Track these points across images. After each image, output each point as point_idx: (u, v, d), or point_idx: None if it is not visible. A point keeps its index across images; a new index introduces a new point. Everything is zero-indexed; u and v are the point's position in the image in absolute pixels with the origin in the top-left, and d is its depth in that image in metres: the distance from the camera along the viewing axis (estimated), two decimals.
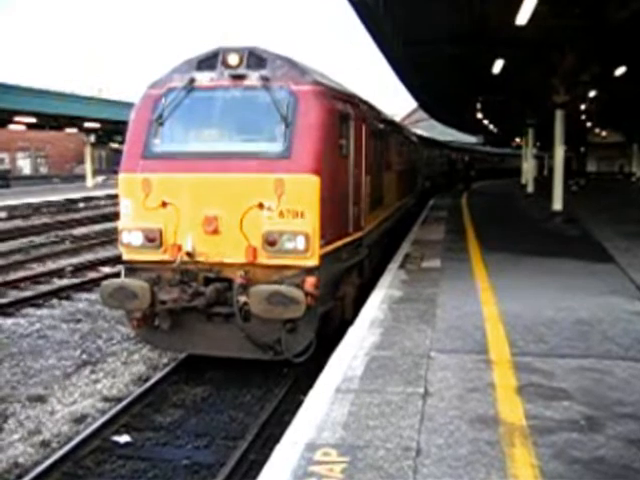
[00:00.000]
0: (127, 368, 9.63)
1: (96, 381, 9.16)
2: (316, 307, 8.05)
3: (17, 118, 39.21)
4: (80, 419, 7.90)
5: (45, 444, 7.28)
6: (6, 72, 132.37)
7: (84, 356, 10.21)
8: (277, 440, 5.52)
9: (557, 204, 22.49)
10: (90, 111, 41.59)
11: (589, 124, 54.20)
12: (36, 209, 34.09)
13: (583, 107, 37.62)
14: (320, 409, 5.81)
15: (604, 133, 66.66)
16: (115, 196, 10.42)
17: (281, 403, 8.13)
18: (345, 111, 9.31)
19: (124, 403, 8.00)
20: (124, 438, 7.28)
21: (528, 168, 39.79)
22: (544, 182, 35.48)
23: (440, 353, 7.34)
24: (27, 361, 9.95)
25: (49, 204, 36.26)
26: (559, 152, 22.75)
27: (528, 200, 32.15)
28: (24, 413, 8.10)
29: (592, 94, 30.72)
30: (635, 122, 48.60)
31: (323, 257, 8.16)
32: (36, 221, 29.39)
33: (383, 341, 7.82)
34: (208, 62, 8.64)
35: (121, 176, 8.64)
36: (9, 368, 9.64)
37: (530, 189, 35.47)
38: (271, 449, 5.48)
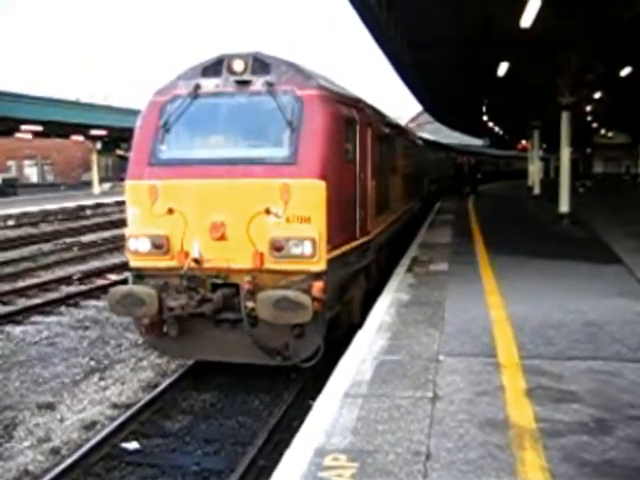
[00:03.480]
0: (135, 375, 9.65)
1: (105, 388, 9.17)
2: (323, 312, 8.04)
3: (23, 127, 39.38)
4: (89, 426, 7.92)
5: (55, 451, 7.30)
6: (6, 73, 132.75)
7: (92, 363, 10.24)
8: (286, 445, 5.53)
9: (564, 206, 22.46)
10: (96, 118, 41.78)
11: (595, 125, 54.10)
12: (44, 217, 34.22)
13: (589, 108, 37.57)
14: (329, 414, 5.80)
15: (610, 134, 66.52)
16: (122, 203, 10.46)
17: (290, 408, 8.12)
18: (350, 115, 9.31)
19: (133, 410, 8.01)
20: (133, 445, 7.29)
21: (534, 170, 39.73)
22: (550, 184, 35.40)
23: (449, 357, 7.32)
24: (36, 368, 9.98)
25: (56, 212, 36.40)
26: (565, 154, 22.72)
27: (535, 202, 32.12)
28: (33, 421, 8.12)
29: (597, 95, 30.66)
30: None
31: (330, 262, 8.15)
32: (44, 229, 29.49)
33: (391, 345, 7.82)
34: (213, 68, 8.65)
35: (128, 183, 8.65)
36: (18, 376, 9.66)
37: (536, 191, 35.45)
38: (280, 455, 5.49)
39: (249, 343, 8.06)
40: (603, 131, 63.76)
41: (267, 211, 7.96)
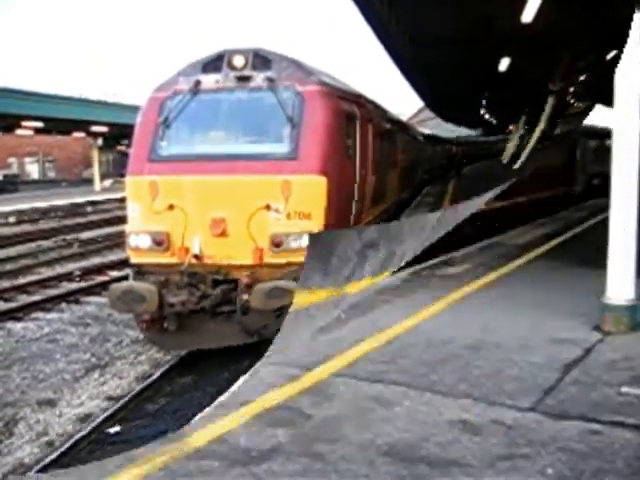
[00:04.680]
0: (133, 368, 9.66)
1: (104, 383, 9.18)
2: None
3: (24, 123, 39.35)
4: (84, 419, 7.97)
5: (49, 444, 7.37)
6: (6, 72, 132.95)
7: (93, 359, 10.21)
8: None
9: None
10: (98, 115, 41.83)
11: None
12: (44, 213, 34.18)
13: None
14: None
15: None
16: (122, 199, 10.44)
17: None
18: (351, 111, 9.30)
19: (123, 401, 8.15)
20: (115, 429, 7.44)
21: None
22: None
23: None
24: (37, 365, 9.95)
25: (57, 208, 36.36)
26: None
27: None
28: (34, 417, 8.11)
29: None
30: None
31: None
32: (44, 225, 29.43)
33: None
34: (213, 64, 8.65)
35: (128, 179, 8.65)
36: (19, 372, 9.64)
37: None
38: None
39: (237, 330, 8.11)
40: None
41: (268, 207, 7.96)
